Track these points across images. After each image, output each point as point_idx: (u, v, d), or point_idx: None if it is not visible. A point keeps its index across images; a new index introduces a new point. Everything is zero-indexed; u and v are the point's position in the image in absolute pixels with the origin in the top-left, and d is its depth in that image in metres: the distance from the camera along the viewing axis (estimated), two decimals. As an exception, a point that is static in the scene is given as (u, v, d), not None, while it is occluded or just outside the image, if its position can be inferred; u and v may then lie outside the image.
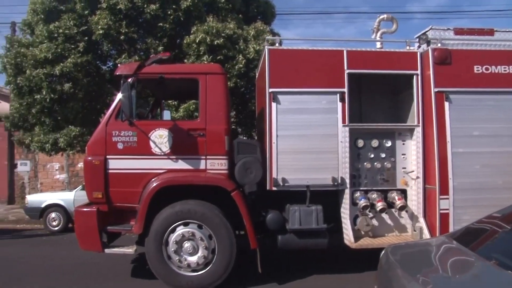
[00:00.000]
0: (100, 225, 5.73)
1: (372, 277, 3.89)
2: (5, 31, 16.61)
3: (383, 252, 3.39)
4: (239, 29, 10.32)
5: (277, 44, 6.29)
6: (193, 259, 5.58)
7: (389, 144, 6.20)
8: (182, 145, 5.84)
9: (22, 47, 10.90)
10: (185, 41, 9.96)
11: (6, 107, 16.98)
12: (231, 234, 5.64)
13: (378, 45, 6.83)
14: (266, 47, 6.11)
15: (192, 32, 9.92)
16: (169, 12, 9.98)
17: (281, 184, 5.90)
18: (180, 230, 5.61)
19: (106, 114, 6.06)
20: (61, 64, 10.22)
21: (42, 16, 10.84)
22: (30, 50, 10.61)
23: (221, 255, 5.59)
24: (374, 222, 6.08)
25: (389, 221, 6.21)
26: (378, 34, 7.04)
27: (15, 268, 7.02)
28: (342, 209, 6.15)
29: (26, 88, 10.63)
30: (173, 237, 5.59)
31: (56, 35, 10.47)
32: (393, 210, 6.12)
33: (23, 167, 15.56)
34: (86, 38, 10.53)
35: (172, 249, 5.57)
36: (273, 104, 5.95)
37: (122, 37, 10.11)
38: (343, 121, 5.97)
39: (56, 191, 13.52)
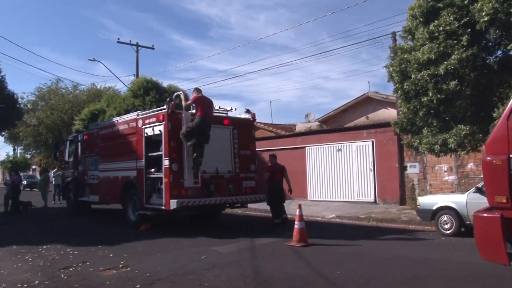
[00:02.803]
0: (505, 233, 5.00)
1: None
2: (387, 42, 17.69)
3: None
4: None
5: None
6: None
7: None
8: None
9: (405, 53, 11.22)
10: None
11: (393, 113, 18.04)
12: None
13: None
14: None
15: None
16: None
17: None
18: None
19: (506, 108, 5.26)
20: (445, 62, 9.92)
21: (421, 19, 10.87)
22: (413, 55, 10.80)
23: None
24: None
25: None
26: None
27: (411, 269, 7.04)
28: None
29: (412, 92, 10.87)
30: None
31: (436, 34, 10.28)
32: None
33: (412, 169, 15.99)
34: (469, 30, 9.87)
35: None
36: None
37: (512, 19, 8.92)
38: None
39: (447, 193, 13.12)
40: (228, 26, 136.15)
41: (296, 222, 9.30)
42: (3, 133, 27.26)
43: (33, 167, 55.25)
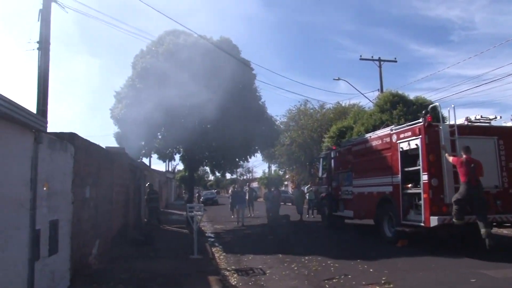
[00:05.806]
0: None
1: None
2: None
3: None
4: None
5: None
6: None
7: None
8: None
9: None
10: None
11: None
12: None
13: None
14: None
15: None
16: None
17: None
18: None
19: None
20: None
21: None
22: None
23: None
24: None
25: None
26: None
27: None
28: None
29: None
30: None
31: None
32: None
33: None
34: None
35: None
36: None
37: None
38: None
39: None
40: (472, 26, 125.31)
41: None
42: (263, 152, 30.64)
43: (285, 183, 60.48)
